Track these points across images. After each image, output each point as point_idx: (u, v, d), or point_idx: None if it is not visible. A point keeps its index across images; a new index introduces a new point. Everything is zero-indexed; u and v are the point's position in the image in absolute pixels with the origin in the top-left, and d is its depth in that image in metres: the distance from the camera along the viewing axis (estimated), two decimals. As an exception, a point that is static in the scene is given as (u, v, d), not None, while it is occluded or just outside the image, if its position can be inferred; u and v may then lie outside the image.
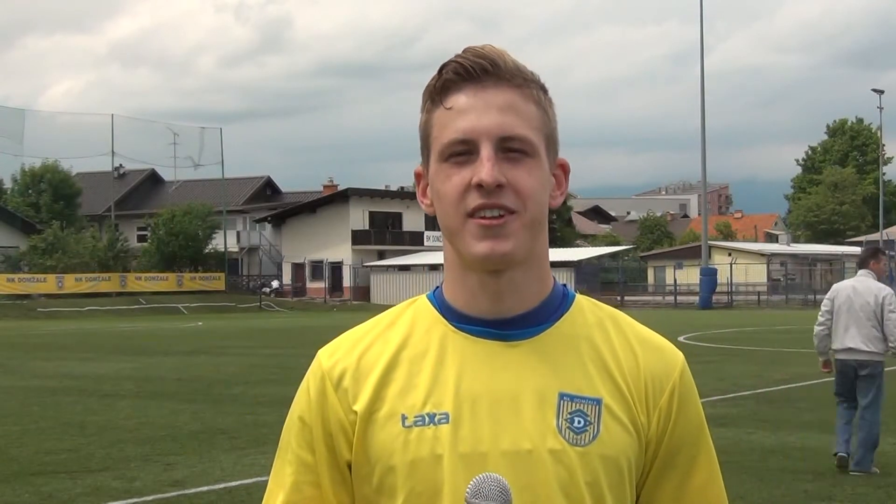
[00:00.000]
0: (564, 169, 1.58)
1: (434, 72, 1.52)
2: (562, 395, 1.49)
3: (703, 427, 1.59)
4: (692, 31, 60.48)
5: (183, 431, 11.94)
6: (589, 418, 1.49)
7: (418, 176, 1.58)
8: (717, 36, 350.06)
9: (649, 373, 1.54)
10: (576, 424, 1.48)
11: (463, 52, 1.51)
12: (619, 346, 1.55)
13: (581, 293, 1.60)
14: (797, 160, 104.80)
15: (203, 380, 18.05)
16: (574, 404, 1.49)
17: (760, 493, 8.49)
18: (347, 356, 1.56)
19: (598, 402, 1.50)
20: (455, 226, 1.47)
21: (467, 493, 1.43)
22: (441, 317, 1.55)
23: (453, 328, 1.53)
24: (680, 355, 1.59)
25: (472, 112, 1.47)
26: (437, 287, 1.60)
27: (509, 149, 1.47)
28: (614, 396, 1.51)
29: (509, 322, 1.52)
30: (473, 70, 1.48)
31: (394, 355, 1.54)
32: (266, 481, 1.60)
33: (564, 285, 1.61)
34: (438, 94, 1.50)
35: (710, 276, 53.91)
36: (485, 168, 1.44)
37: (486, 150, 1.45)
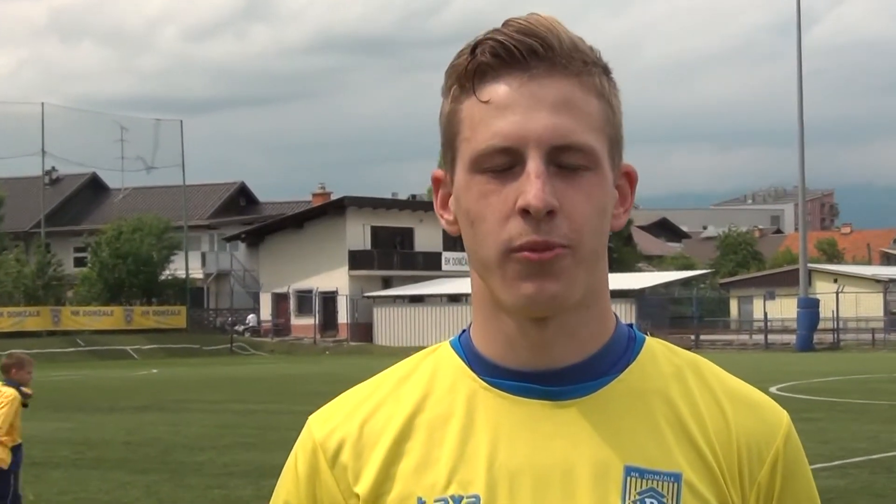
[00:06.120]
0: (630, 178, 1.54)
1: (463, 47, 1.46)
2: (629, 470, 1.46)
3: None
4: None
5: (133, 510, 11.97)
6: (664, 499, 1.46)
7: (437, 181, 1.54)
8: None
9: (744, 437, 1.51)
10: None
11: (503, 25, 1.45)
12: (704, 404, 1.52)
13: (650, 334, 1.57)
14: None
15: (159, 443, 18.10)
16: (645, 481, 1.46)
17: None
18: (347, 423, 1.53)
19: (677, 477, 1.47)
20: (491, 260, 1.43)
21: None
22: (469, 369, 1.52)
23: (484, 384, 1.50)
24: (784, 414, 1.57)
25: (516, 110, 1.42)
26: (464, 331, 1.57)
27: (564, 160, 1.42)
28: (697, 470, 1.48)
29: (558, 375, 1.49)
30: (518, 52, 1.42)
31: (408, 420, 1.51)
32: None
33: (631, 325, 1.58)
34: (470, 80, 1.45)
35: (810, 308, 53.81)
36: (533, 188, 1.39)
37: (534, 164, 1.40)
